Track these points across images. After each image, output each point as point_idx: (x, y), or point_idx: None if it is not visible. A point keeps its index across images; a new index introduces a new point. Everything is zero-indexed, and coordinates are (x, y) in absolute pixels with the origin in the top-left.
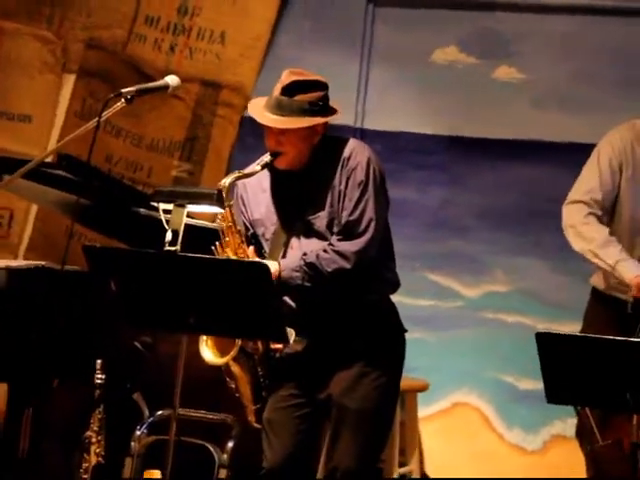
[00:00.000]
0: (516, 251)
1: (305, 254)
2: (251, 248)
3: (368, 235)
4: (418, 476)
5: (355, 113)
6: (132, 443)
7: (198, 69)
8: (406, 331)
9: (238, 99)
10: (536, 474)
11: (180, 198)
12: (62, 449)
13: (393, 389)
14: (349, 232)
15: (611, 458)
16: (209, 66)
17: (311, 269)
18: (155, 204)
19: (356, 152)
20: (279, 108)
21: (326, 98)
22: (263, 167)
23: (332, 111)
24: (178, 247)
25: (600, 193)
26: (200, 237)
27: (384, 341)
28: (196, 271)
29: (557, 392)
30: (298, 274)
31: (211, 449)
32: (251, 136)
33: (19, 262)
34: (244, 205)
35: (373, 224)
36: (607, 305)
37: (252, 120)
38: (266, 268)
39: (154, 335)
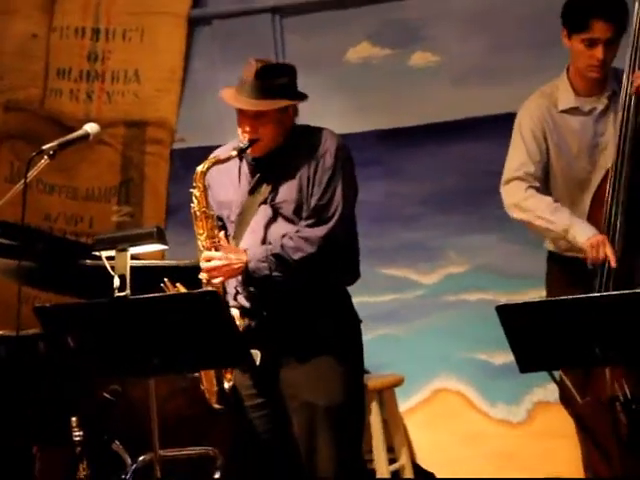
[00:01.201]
0: (465, 230)
1: (270, 243)
2: (222, 233)
3: (334, 219)
4: (410, 470)
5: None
6: None
7: (119, 111)
8: (361, 321)
9: (164, 134)
10: (526, 444)
11: (121, 242)
12: None
13: (358, 379)
14: (317, 216)
15: (594, 415)
16: (130, 106)
17: (277, 259)
18: (97, 253)
19: (325, 139)
20: (255, 91)
21: (295, 82)
22: (239, 153)
23: (302, 95)
24: (128, 291)
25: (532, 165)
26: (150, 276)
27: (341, 332)
28: (149, 311)
29: (528, 361)
30: (264, 264)
31: None
32: (182, 168)
33: None
34: (209, 186)
35: (340, 208)
36: (565, 266)
37: (182, 152)
38: (217, 295)
39: (123, 382)
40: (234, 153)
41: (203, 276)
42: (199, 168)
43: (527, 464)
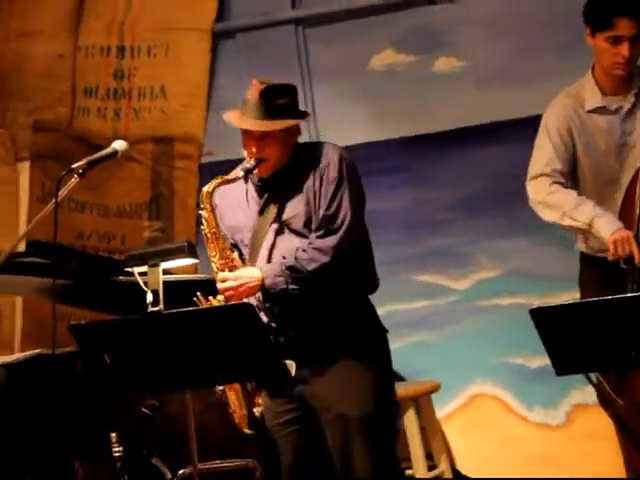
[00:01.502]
0: (495, 234)
1: (284, 257)
2: (235, 254)
3: (344, 228)
4: (450, 476)
5: (309, 135)
6: None
7: (147, 128)
8: (387, 331)
9: (192, 148)
10: (565, 447)
11: (152, 258)
12: None
13: (388, 387)
14: (326, 227)
15: (632, 417)
16: (157, 122)
17: (292, 271)
18: (130, 269)
19: (327, 151)
20: (260, 112)
21: (297, 100)
22: (246, 173)
23: (304, 113)
24: (161, 306)
25: (559, 162)
26: (182, 291)
27: (368, 341)
28: (183, 325)
29: (564, 364)
30: (281, 279)
31: None
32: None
33: (15, 356)
34: (219, 213)
35: (349, 217)
36: (598, 267)
37: (210, 166)
38: (250, 307)
39: (158, 397)
40: (241, 174)
41: (220, 298)
42: (205, 189)
43: (567, 467)
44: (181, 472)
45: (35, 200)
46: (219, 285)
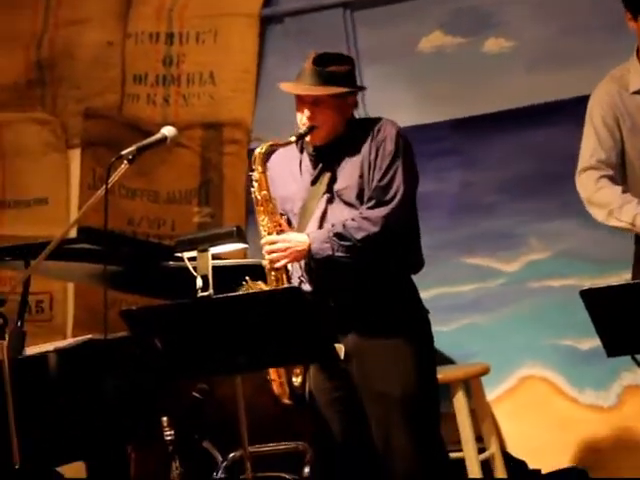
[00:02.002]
0: (545, 216)
1: (333, 225)
2: (284, 218)
3: (396, 200)
4: (501, 459)
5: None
6: None
7: (196, 114)
8: (429, 312)
9: (241, 134)
10: (618, 429)
11: (201, 243)
12: None
13: (430, 368)
14: (378, 198)
15: None
16: (206, 108)
17: (340, 239)
18: (179, 254)
19: (385, 125)
20: (312, 78)
21: (354, 72)
22: (298, 138)
23: (360, 86)
24: (211, 291)
25: (603, 152)
26: (231, 276)
27: (411, 321)
28: (233, 310)
29: (615, 345)
30: (327, 245)
31: (288, 478)
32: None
33: (68, 341)
34: (271, 182)
35: (402, 190)
36: None
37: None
38: (297, 290)
39: (209, 380)
40: (293, 138)
41: (266, 261)
42: (257, 150)
43: (619, 449)
44: (232, 455)
45: (86, 187)
46: (266, 247)
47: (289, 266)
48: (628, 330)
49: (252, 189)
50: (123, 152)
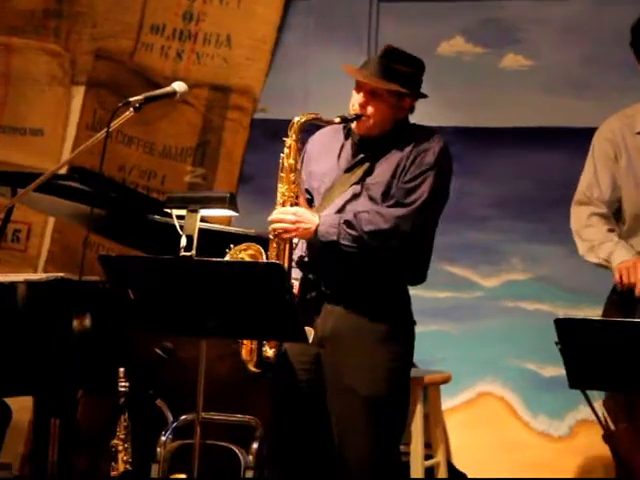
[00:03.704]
0: (533, 239)
1: (344, 214)
2: (304, 198)
3: (415, 205)
4: (445, 468)
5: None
6: (157, 449)
7: (206, 74)
8: (415, 323)
9: (247, 102)
10: (564, 460)
11: (193, 203)
12: (90, 458)
13: (404, 377)
14: (399, 199)
15: (628, 443)
16: (217, 70)
17: (348, 226)
18: (168, 210)
19: (433, 138)
20: (376, 68)
21: (420, 77)
22: (342, 121)
23: (421, 93)
24: (194, 252)
25: (597, 188)
26: (215, 241)
27: (397, 327)
28: (212, 275)
29: (579, 377)
30: (334, 230)
31: (236, 451)
32: (261, 137)
33: (39, 275)
34: (307, 156)
35: (424, 198)
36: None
37: (262, 122)
38: (281, 268)
39: (174, 340)
40: (337, 120)
41: (272, 229)
42: (296, 119)
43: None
44: (183, 418)
45: (84, 126)
46: (273, 216)
47: (295, 241)
48: (595, 365)
49: (282, 154)
50: (131, 99)
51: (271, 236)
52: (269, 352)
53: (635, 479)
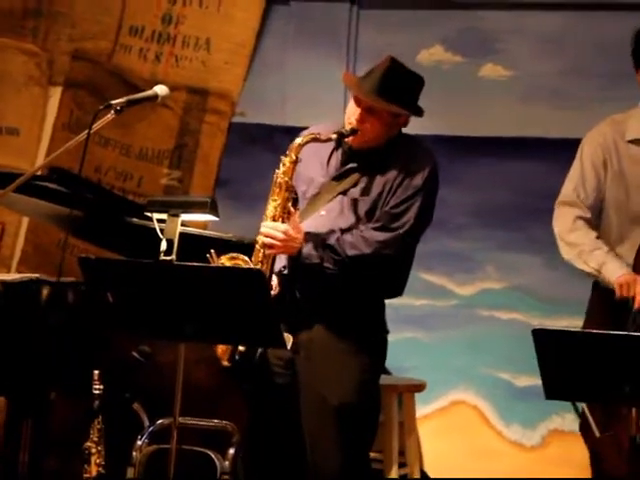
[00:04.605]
0: (509, 248)
1: (331, 231)
2: (297, 213)
3: (401, 231)
4: (418, 476)
5: (343, 115)
6: (133, 453)
7: (184, 77)
8: (388, 332)
9: (225, 105)
10: (536, 470)
11: (174, 207)
12: (62, 461)
13: (375, 387)
14: (385, 223)
15: (609, 451)
16: (195, 73)
17: (331, 251)
18: (149, 214)
19: (423, 157)
20: (377, 86)
21: (417, 96)
22: (338, 137)
23: (419, 110)
24: (174, 256)
25: (583, 190)
26: (195, 245)
27: (369, 336)
28: (192, 280)
29: (555, 388)
30: (316, 254)
31: (213, 456)
32: (238, 142)
33: (12, 275)
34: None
35: (409, 226)
36: (607, 297)
37: (240, 126)
38: (261, 274)
39: (152, 344)
40: (334, 136)
41: (260, 241)
42: (297, 140)
43: None
44: (160, 422)
45: (60, 126)
46: (264, 230)
47: None
48: (572, 377)
49: (277, 170)
50: (113, 102)
51: (258, 246)
52: (241, 347)
53: None
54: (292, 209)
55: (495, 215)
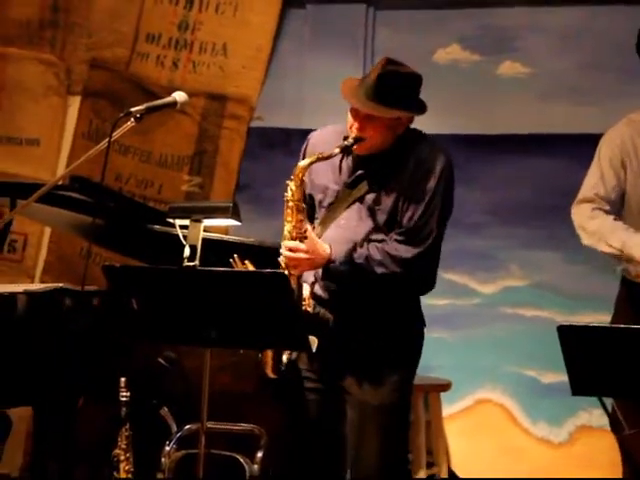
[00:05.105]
0: (530, 245)
1: (355, 247)
2: (309, 227)
3: (425, 245)
4: (446, 475)
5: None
6: (162, 458)
7: (202, 83)
8: (425, 325)
9: (243, 110)
10: (564, 466)
11: (196, 213)
12: (91, 468)
13: (410, 382)
14: (409, 237)
15: (639, 448)
16: (213, 79)
17: (360, 268)
18: (171, 220)
19: (433, 157)
20: (372, 94)
21: (417, 92)
22: (342, 151)
23: (421, 106)
24: (197, 262)
25: (603, 188)
26: (218, 250)
27: (405, 338)
28: (216, 285)
29: (582, 384)
30: (346, 269)
31: (241, 460)
32: (257, 146)
33: (37, 285)
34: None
35: (433, 235)
36: (635, 293)
37: (259, 130)
38: (285, 278)
39: (177, 350)
40: (337, 151)
41: (283, 261)
42: (301, 163)
43: None
44: (188, 427)
45: (80, 135)
46: (285, 252)
47: None
48: (598, 372)
49: (286, 194)
50: (132, 109)
51: (282, 265)
52: (284, 357)
53: None
54: (309, 227)
55: (514, 213)
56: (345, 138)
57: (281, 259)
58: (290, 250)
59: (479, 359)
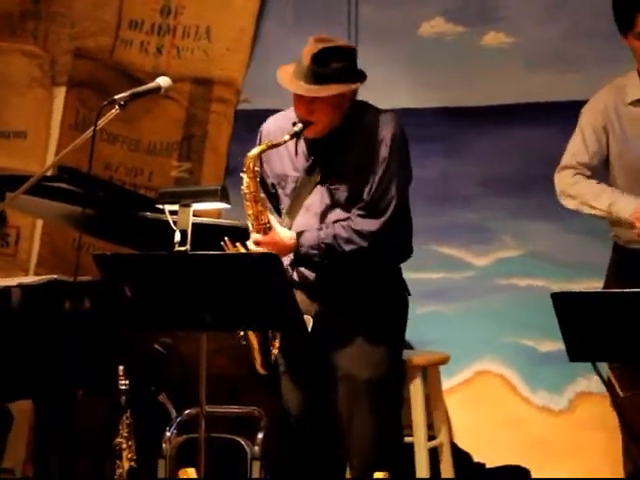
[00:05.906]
0: (522, 215)
1: (321, 229)
2: (271, 217)
3: (388, 214)
4: (449, 448)
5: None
6: (163, 444)
7: (187, 67)
8: (409, 294)
9: (230, 93)
10: (566, 433)
11: (185, 198)
12: (93, 459)
13: (398, 353)
14: (370, 209)
15: (634, 410)
16: (198, 63)
17: (328, 249)
18: (161, 206)
19: (382, 125)
20: (311, 77)
21: (354, 63)
22: (292, 137)
23: (361, 76)
24: (188, 247)
25: (586, 154)
26: (209, 234)
27: (389, 307)
28: (208, 268)
29: (579, 350)
30: (315, 252)
31: (242, 442)
32: (245, 129)
33: (31, 278)
34: (266, 156)
35: (394, 203)
36: (627, 258)
37: (246, 113)
38: (277, 258)
39: (173, 335)
40: (287, 138)
41: (249, 243)
42: (250, 153)
43: (564, 453)
44: (187, 412)
45: (67, 126)
46: (251, 247)
47: None
48: (594, 338)
49: (242, 187)
50: (116, 97)
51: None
52: (274, 351)
53: (637, 440)
54: (271, 216)
55: (505, 183)
56: (294, 124)
57: (249, 243)
58: (256, 244)
59: (476, 331)
